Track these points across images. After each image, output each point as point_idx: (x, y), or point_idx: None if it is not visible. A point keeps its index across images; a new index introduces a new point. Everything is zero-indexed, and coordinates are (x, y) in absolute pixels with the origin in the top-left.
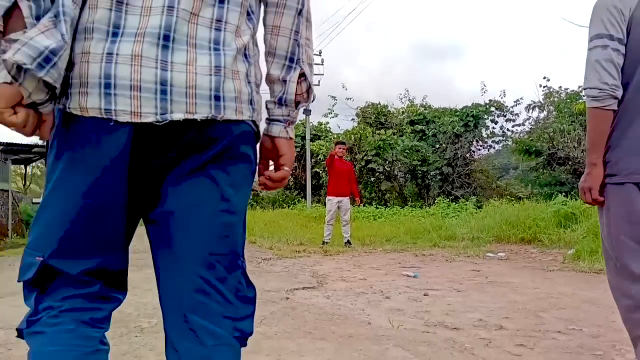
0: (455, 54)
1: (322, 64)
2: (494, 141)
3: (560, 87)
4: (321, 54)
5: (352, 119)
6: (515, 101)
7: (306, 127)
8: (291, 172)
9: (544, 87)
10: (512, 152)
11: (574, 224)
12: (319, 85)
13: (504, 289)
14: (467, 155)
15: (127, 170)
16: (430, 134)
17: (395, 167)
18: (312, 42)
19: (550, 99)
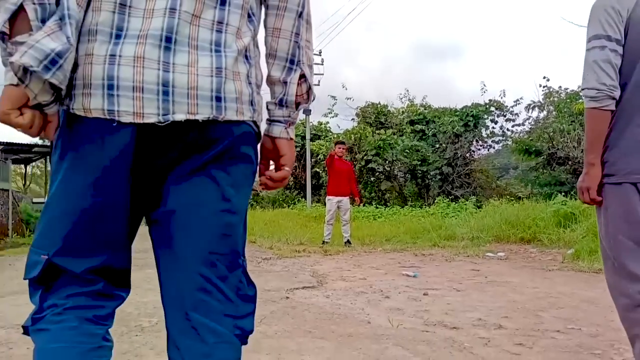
0: (455, 54)
1: (322, 64)
2: (493, 141)
3: (560, 87)
4: (321, 53)
5: (352, 119)
6: (515, 101)
7: (306, 127)
8: (291, 172)
9: (543, 87)
10: (511, 152)
11: (574, 223)
12: (318, 85)
13: (504, 288)
14: (467, 155)
15: (129, 170)
16: (430, 134)
17: (395, 167)
18: (312, 44)
19: (550, 99)
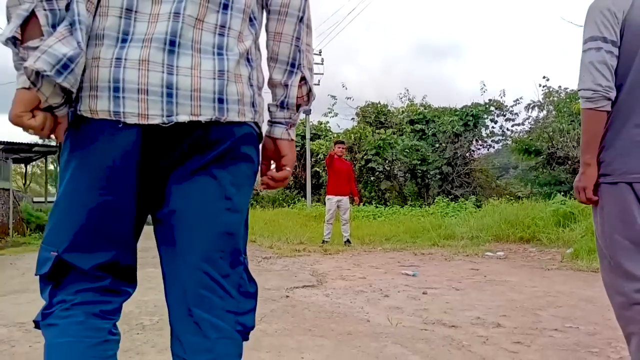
0: (455, 53)
1: (322, 64)
2: (493, 140)
3: (559, 86)
4: (321, 53)
5: (352, 119)
6: (514, 101)
7: (306, 127)
8: (292, 171)
9: (543, 86)
10: (511, 151)
11: (573, 223)
12: (318, 84)
13: (502, 287)
14: (467, 154)
15: (135, 169)
16: (430, 134)
17: (395, 167)
18: (312, 48)
19: (549, 99)
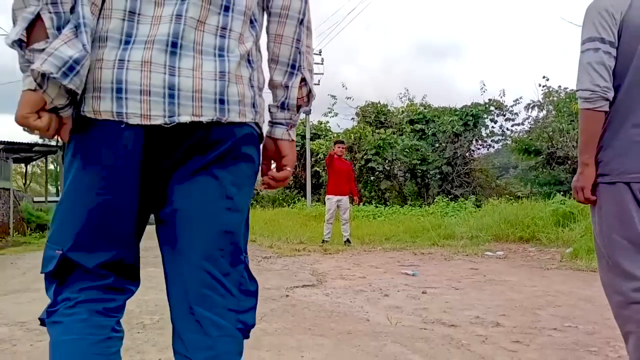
0: (455, 53)
1: (322, 63)
2: (493, 140)
3: (559, 86)
4: (321, 53)
5: (352, 118)
6: (514, 100)
7: (306, 126)
8: (292, 171)
9: (543, 86)
10: (511, 151)
11: (572, 223)
12: (318, 84)
13: (502, 287)
14: (467, 154)
15: (137, 169)
16: (429, 133)
17: (394, 166)
18: (312, 49)
19: (549, 99)
